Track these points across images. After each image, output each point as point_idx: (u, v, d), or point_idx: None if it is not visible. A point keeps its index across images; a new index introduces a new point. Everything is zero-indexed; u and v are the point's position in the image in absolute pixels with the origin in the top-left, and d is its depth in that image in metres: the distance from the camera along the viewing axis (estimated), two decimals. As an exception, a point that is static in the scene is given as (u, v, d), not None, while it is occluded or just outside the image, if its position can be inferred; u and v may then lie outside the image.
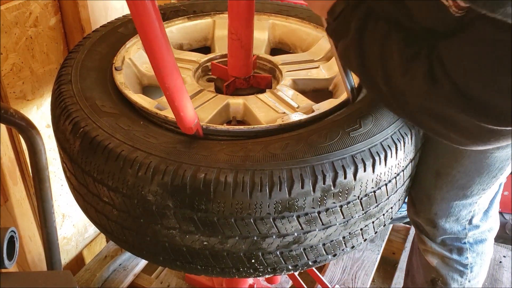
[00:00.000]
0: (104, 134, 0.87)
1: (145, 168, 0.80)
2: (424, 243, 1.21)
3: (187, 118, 0.84)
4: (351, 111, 0.93)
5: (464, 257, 1.17)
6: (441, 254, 1.18)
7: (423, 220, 1.15)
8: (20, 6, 1.23)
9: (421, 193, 1.12)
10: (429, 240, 1.18)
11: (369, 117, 0.90)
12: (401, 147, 0.88)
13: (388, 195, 0.90)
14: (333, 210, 0.83)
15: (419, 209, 1.14)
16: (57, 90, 1.00)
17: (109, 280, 1.65)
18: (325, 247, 0.89)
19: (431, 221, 1.13)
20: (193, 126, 0.86)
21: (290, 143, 0.84)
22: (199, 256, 0.86)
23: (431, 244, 1.18)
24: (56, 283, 0.76)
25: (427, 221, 1.14)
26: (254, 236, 0.83)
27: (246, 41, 1.02)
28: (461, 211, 1.09)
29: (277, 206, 0.79)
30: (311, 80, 1.12)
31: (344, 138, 0.85)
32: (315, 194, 0.80)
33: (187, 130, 0.86)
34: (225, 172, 0.79)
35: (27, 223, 1.42)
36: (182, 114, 0.83)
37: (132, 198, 0.83)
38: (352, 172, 0.81)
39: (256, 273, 0.89)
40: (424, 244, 1.21)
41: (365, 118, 0.89)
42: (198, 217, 0.81)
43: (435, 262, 1.20)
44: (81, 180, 0.91)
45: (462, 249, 1.16)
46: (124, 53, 1.11)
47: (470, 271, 1.19)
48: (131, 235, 0.89)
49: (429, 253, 1.21)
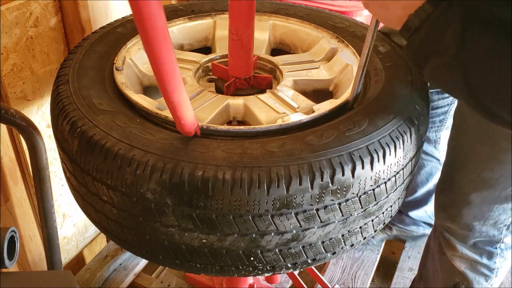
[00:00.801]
0: (100, 133, 0.87)
1: (143, 167, 0.81)
2: (452, 248, 1.19)
3: (187, 125, 0.85)
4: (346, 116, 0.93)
5: (493, 261, 1.16)
6: (470, 259, 1.17)
7: (458, 224, 1.13)
8: (21, 6, 1.23)
9: (459, 197, 1.10)
10: (459, 244, 1.16)
11: (364, 119, 0.90)
12: (400, 145, 0.88)
13: (388, 193, 0.90)
14: (332, 208, 0.83)
15: (454, 214, 1.12)
16: (55, 91, 1.01)
17: (109, 279, 1.65)
18: (324, 245, 0.89)
19: (467, 225, 1.11)
20: (192, 130, 0.87)
21: (287, 142, 0.85)
22: (198, 254, 0.87)
23: (461, 248, 1.17)
24: (56, 282, 0.76)
25: (463, 225, 1.12)
26: (253, 234, 0.83)
27: (247, 42, 1.02)
28: (500, 215, 1.07)
29: (275, 203, 0.79)
30: (312, 80, 1.13)
31: (339, 137, 0.85)
32: (313, 191, 0.80)
33: (186, 133, 0.87)
34: (223, 169, 0.79)
35: (28, 223, 1.42)
36: (183, 122, 0.83)
37: (131, 196, 0.83)
38: (350, 169, 0.81)
39: (255, 271, 0.89)
40: (453, 249, 1.19)
41: (360, 120, 0.90)
42: (196, 215, 0.81)
43: (463, 266, 1.19)
44: (81, 179, 0.91)
45: (493, 253, 1.15)
46: (125, 53, 1.11)
47: (495, 275, 1.18)
48: (131, 234, 0.90)
49: (457, 257, 1.19)
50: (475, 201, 1.07)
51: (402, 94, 0.98)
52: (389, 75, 1.03)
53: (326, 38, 1.20)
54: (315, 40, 1.23)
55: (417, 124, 0.93)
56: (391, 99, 0.96)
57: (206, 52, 1.25)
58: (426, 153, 1.48)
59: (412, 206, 1.64)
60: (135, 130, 0.88)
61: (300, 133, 0.89)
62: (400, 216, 1.67)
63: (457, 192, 1.10)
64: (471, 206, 1.08)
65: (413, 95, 0.98)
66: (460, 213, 1.11)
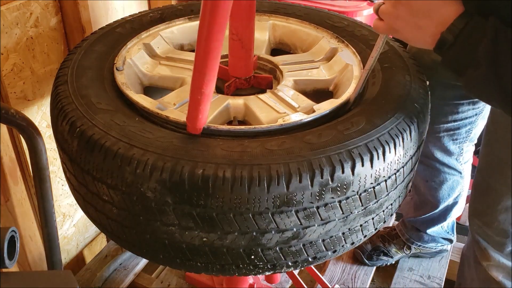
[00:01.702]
0: (100, 133, 0.87)
1: (143, 165, 0.81)
2: (488, 258, 1.17)
3: (202, 120, 0.86)
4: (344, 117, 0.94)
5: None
6: (507, 267, 1.15)
7: (495, 230, 1.12)
8: (21, 7, 1.23)
9: (495, 203, 1.09)
10: (495, 252, 1.15)
11: (362, 119, 0.91)
12: (400, 142, 0.88)
13: (388, 191, 0.90)
14: (332, 205, 0.83)
15: (490, 220, 1.11)
16: (54, 91, 1.01)
17: (109, 279, 1.65)
18: (325, 243, 0.89)
19: (504, 231, 1.10)
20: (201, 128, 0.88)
21: (286, 141, 0.85)
22: (199, 253, 0.87)
23: (498, 257, 1.15)
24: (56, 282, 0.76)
25: (500, 231, 1.11)
26: (253, 232, 0.83)
27: (247, 42, 1.02)
28: None
29: (275, 201, 0.79)
30: (312, 80, 1.13)
31: (338, 135, 0.86)
32: (313, 189, 0.80)
33: (195, 130, 0.87)
34: (223, 167, 0.79)
35: (28, 222, 1.42)
36: (200, 117, 0.85)
37: (131, 195, 0.83)
38: (349, 167, 0.81)
39: (256, 270, 0.89)
40: (489, 259, 1.17)
41: (358, 120, 0.90)
42: (197, 213, 0.81)
43: (500, 276, 1.17)
44: (81, 179, 0.91)
45: None
46: (125, 53, 1.12)
47: None
48: (131, 234, 0.90)
49: (494, 267, 1.18)
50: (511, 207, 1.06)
51: (400, 93, 0.98)
52: (386, 75, 1.04)
53: (326, 38, 1.20)
54: (315, 40, 1.23)
55: (417, 122, 0.93)
56: (390, 98, 0.97)
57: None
58: (448, 166, 1.44)
59: (430, 223, 1.61)
60: (134, 129, 0.88)
61: (299, 133, 0.89)
62: (418, 234, 1.65)
63: (493, 198, 1.09)
64: (509, 212, 1.07)
65: (412, 94, 0.98)
66: (497, 219, 1.10)
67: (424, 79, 1.05)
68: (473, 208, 1.18)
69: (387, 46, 1.14)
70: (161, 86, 1.14)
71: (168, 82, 1.12)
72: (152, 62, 1.16)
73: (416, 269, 1.70)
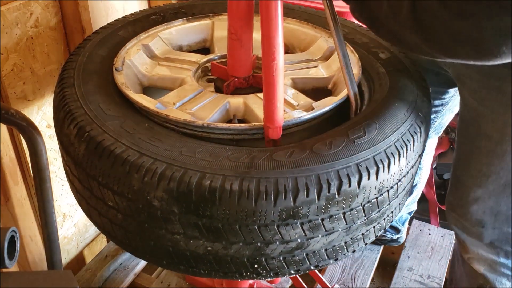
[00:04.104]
0: (110, 139, 0.87)
1: (151, 174, 0.81)
2: (468, 250, 1.19)
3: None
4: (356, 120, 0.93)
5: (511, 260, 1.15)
6: (488, 259, 1.17)
7: (470, 221, 1.14)
8: (21, 7, 1.23)
9: (465, 195, 1.11)
10: (474, 245, 1.17)
11: (373, 124, 0.90)
12: (404, 154, 0.88)
13: (390, 200, 0.91)
14: (337, 217, 0.84)
15: (464, 212, 1.13)
16: (60, 93, 1.01)
17: (109, 279, 1.65)
18: (327, 252, 0.89)
19: (479, 221, 1.12)
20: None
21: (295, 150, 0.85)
22: (203, 261, 0.87)
23: (477, 249, 1.17)
24: (56, 282, 0.76)
25: (475, 222, 1.13)
26: (258, 242, 0.83)
27: (246, 41, 1.03)
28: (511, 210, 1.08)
29: (281, 214, 0.80)
30: (311, 79, 1.13)
31: (348, 146, 0.85)
32: (320, 202, 0.80)
33: (274, 132, 0.88)
34: (231, 179, 0.79)
35: (28, 222, 1.42)
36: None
37: (137, 203, 0.83)
38: (356, 181, 0.82)
39: (258, 277, 0.90)
40: (469, 252, 1.19)
41: (369, 125, 0.90)
42: (202, 223, 0.81)
43: (482, 268, 1.19)
44: (85, 183, 0.91)
45: (510, 252, 1.14)
46: (124, 54, 1.12)
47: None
48: (135, 239, 0.90)
49: (475, 260, 1.19)
50: (482, 196, 1.09)
51: (406, 100, 0.98)
52: (392, 79, 1.04)
53: (324, 37, 1.20)
54: (313, 39, 1.23)
55: (420, 132, 0.93)
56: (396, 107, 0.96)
57: (205, 53, 1.25)
58: None
59: None
60: (143, 137, 0.87)
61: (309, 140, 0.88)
62: None
63: (463, 190, 1.12)
64: (479, 202, 1.10)
65: (417, 101, 0.98)
66: (469, 211, 1.12)
67: (427, 86, 1.06)
68: (448, 201, 1.20)
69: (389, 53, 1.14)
70: (160, 86, 1.14)
71: (167, 82, 1.12)
72: (151, 63, 1.17)
73: (416, 269, 1.70)
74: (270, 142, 0.90)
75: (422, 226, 1.86)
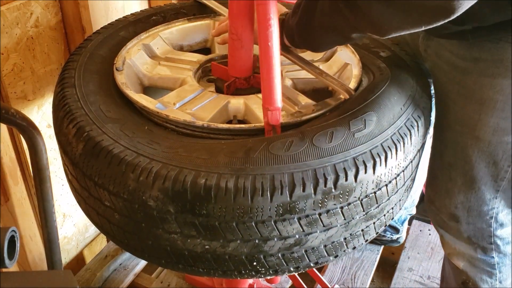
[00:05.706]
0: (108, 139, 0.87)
1: (146, 173, 0.80)
2: (448, 246, 1.20)
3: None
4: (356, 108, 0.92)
5: (489, 256, 1.16)
6: (466, 255, 1.17)
7: (446, 215, 1.15)
8: (21, 7, 1.23)
9: (439, 188, 1.13)
10: (453, 240, 1.17)
11: (373, 116, 0.90)
12: (401, 147, 0.88)
13: (389, 195, 0.90)
14: (334, 212, 0.83)
15: (440, 205, 1.15)
16: (60, 92, 1.01)
17: (109, 279, 1.65)
18: (327, 249, 0.89)
19: (453, 215, 1.13)
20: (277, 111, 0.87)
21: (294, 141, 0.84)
22: (201, 260, 0.87)
23: (455, 244, 1.17)
24: (56, 282, 0.76)
25: (450, 216, 1.14)
26: (256, 239, 0.83)
27: (247, 41, 1.03)
28: (481, 206, 1.09)
29: (278, 209, 0.79)
30: (311, 80, 1.13)
31: (348, 139, 0.85)
32: (316, 197, 0.80)
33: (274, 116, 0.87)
34: (226, 177, 0.79)
35: (28, 222, 1.42)
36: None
37: (133, 203, 0.83)
38: (353, 174, 0.81)
39: (258, 275, 0.90)
40: (449, 247, 1.20)
41: (370, 117, 0.89)
42: (199, 222, 0.81)
43: (461, 264, 1.19)
44: (83, 183, 0.91)
45: (487, 248, 1.15)
46: (125, 54, 1.12)
47: (499, 271, 1.17)
48: (133, 239, 0.90)
49: (454, 255, 1.20)
50: (452, 189, 1.10)
51: (405, 94, 0.98)
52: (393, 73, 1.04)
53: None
54: (314, 40, 1.22)
55: (418, 126, 0.93)
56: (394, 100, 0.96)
57: (205, 53, 1.25)
58: None
59: None
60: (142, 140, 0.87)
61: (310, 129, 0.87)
62: None
63: (437, 183, 1.14)
64: (451, 196, 1.11)
65: (416, 95, 0.98)
66: (444, 204, 1.14)
67: (428, 82, 1.06)
68: (427, 196, 1.21)
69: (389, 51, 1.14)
70: (160, 86, 1.14)
71: (168, 82, 1.12)
72: (152, 63, 1.16)
73: (416, 269, 1.70)
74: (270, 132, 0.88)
75: (422, 226, 1.86)
